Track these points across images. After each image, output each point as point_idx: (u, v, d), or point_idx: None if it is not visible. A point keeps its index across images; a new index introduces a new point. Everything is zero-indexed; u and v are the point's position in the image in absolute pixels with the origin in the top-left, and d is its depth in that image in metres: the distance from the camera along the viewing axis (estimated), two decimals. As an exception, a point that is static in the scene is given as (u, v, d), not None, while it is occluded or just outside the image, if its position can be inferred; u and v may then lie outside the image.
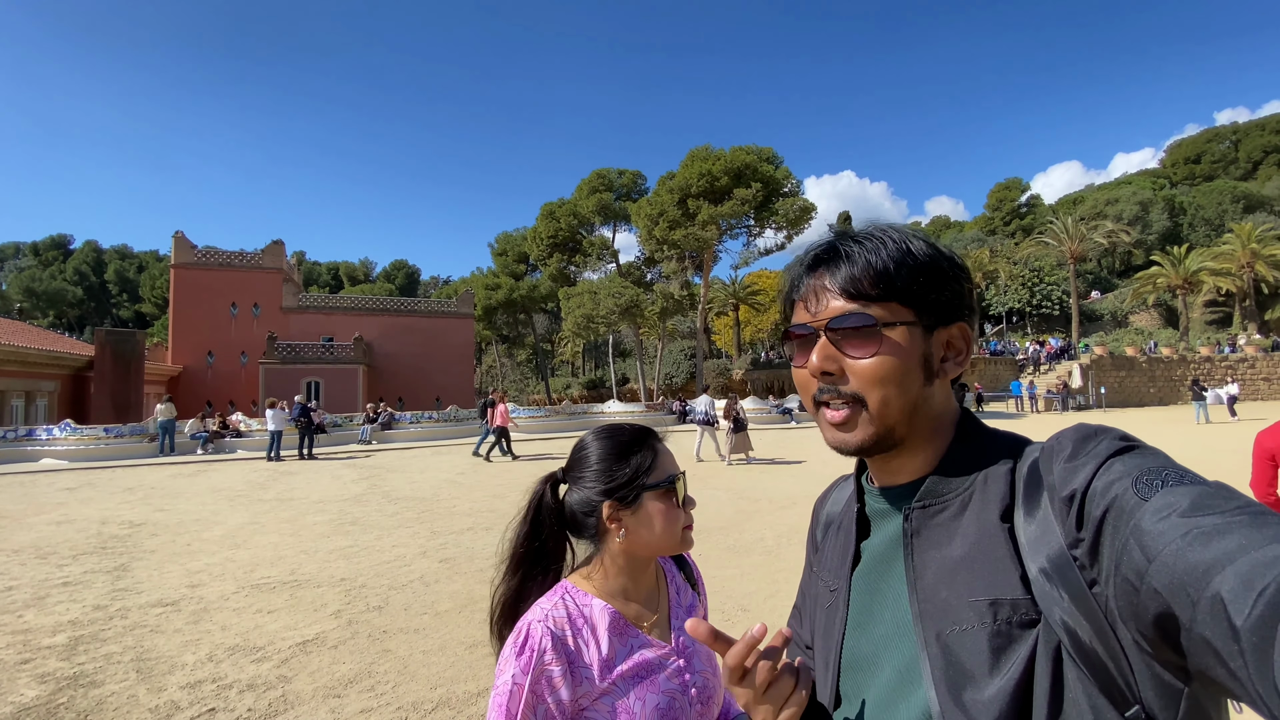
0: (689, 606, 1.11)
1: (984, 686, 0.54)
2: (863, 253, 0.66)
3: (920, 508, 0.65)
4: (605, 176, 38.23)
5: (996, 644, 0.55)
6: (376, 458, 15.60)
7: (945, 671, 0.57)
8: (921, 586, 0.62)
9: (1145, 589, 0.45)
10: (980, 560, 0.59)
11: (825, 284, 0.68)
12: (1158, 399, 29.79)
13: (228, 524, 7.89)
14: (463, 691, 3.31)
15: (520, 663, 0.89)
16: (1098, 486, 0.52)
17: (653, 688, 0.95)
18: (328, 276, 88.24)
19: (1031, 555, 0.56)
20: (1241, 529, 0.42)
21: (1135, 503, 0.49)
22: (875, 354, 0.64)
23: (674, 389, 40.26)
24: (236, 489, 10.91)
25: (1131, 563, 0.47)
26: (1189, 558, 0.43)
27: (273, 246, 38.55)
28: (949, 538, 0.62)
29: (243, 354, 36.40)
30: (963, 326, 0.68)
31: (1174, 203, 54.54)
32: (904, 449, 0.67)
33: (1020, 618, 0.55)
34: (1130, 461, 0.53)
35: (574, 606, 0.98)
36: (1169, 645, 0.45)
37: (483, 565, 5.71)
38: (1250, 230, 38.02)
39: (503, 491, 9.92)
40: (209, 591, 5.14)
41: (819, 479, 10.46)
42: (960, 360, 0.68)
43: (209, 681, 3.48)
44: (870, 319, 0.64)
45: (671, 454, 1.06)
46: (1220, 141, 66.92)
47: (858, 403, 0.65)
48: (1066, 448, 0.58)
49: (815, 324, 0.67)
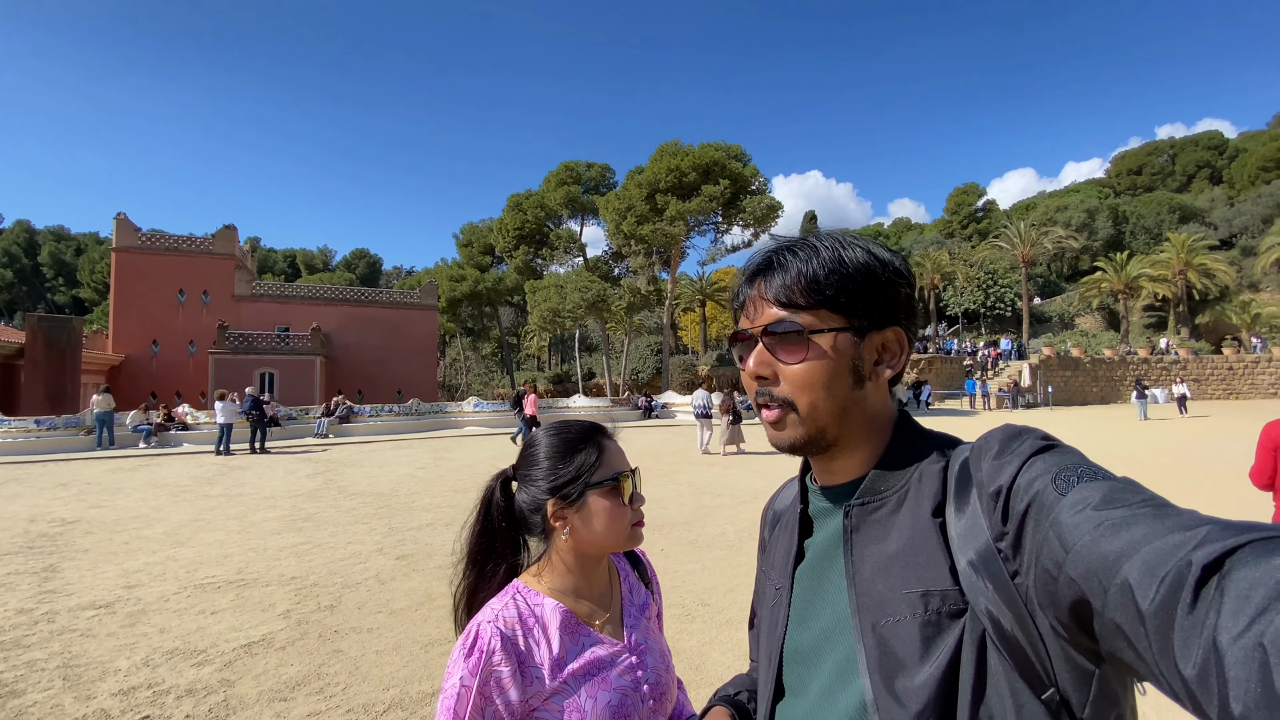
0: (642, 605, 1.11)
1: (915, 674, 0.57)
2: (795, 262, 0.69)
3: (859, 505, 0.68)
4: (573, 169, 37.88)
5: (927, 633, 0.57)
6: (333, 452, 15.16)
7: (880, 661, 0.59)
8: (859, 580, 0.64)
9: (1063, 578, 0.48)
10: (914, 554, 0.62)
11: (761, 293, 0.71)
12: (1100, 398, 31.20)
13: (170, 521, 7.55)
14: (417, 692, 3.22)
15: (469, 664, 0.88)
16: (1021, 483, 0.55)
17: (604, 685, 0.94)
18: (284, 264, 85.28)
19: (960, 548, 0.59)
20: (1146, 520, 0.45)
21: (1054, 498, 0.52)
22: (803, 360, 0.67)
23: (640, 384, 40.30)
24: (181, 484, 10.45)
25: (1051, 553, 0.49)
26: (1100, 548, 0.45)
27: (224, 231, 37.03)
28: (885, 533, 0.65)
29: (191, 343, 34.94)
30: (897, 330, 0.70)
31: (1118, 211, 57.03)
32: (840, 449, 0.71)
33: (949, 608, 0.58)
34: (1050, 459, 0.56)
35: (525, 606, 0.97)
36: (1083, 631, 0.49)
37: (442, 562, 5.59)
38: (1185, 240, 40.11)
39: (465, 486, 9.75)
40: (147, 592, 4.90)
41: (784, 476, 10.59)
42: (894, 363, 0.71)
43: (144, 688, 3.30)
44: (798, 326, 0.67)
45: (621, 451, 1.05)
46: (1159, 155, 70.25)
47: (789, 405, 0.69)
48: (994, 447, 0.61)
49: (753, 330, 0.71)
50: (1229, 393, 31.91)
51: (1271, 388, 31.52)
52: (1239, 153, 61.98)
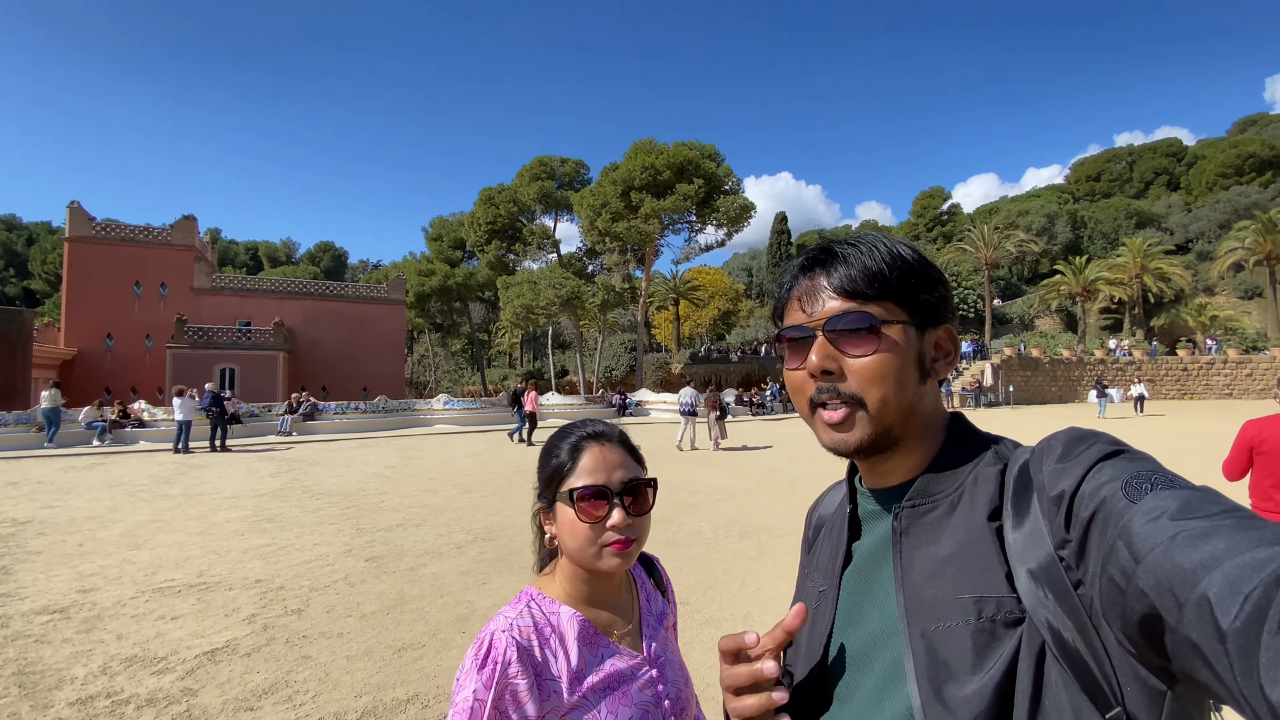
0: (660, 614, 1.06)
1: (965, 683, 0.54)
2: (857, 255, 0.68)
3: (910, 507, 0.66)
4: (547, 164, 37.54)
5: (980, 641, 0.55)
6: (297, 450, 14.79)
7: (928, 668, 0.56)
8: (908, 584, 0.62)
9: (1132, 590, 0.45)
10: (967, 559, 0.59)
11: (821, 285, 0.69)
12: (1058, 397, 32.28)
13: (127, 522, 7.26)
14: (390, 699, 3.15)
15: (482, 676, 0.83)
16: (1087, 489, 0.53)
17: (625, 700, 0.90)
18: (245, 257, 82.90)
19: (1018, 555, 0.56)
20: (1228, 532, 0.42)
21: (1124, 505, 0.49)
22: (874, 352, 0.65)
23: (614, 382, 40.23)
24: (138, 483, 10.07)
25: (1118, 563, 0.47)
26: (1176, 559, 0.43)
27: (183, 222, 35.69)
28: (937, 536, 0.63)
29: (148, 337, 33.62)
30: (949, 329, 0.70)
31: (1076, 216, 59.06)
32: (897, 450, 0.68)
33: (1005, 616, 0.55)
34: (1120, 465, 0.53)
35: (540, 614, 0.92)
36: (1153, 647, 0.45)
37: (413, 564, 5.49)
38: (1141, 245, 41.75)
39: (435, 486, 9.60)
40: (104, 597, 4.70)
41: (759, 474, 10.70)
42: (949, 361, 0.70)
43: (102, 696, 3.17)
44: (870, 317, 0.65)
45: (612, 460, 0.94)
46: (1118, 162, 72.87)
47: (856, 402, 0.65)
48: (1057, 450, 0.58)
49: (812, 324, 0.68)
50: (1183, 393, 33.29)
51: (1226, 388, 32.95)
52: (1197, 160, 64.58)
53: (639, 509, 0.93)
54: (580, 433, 0.98)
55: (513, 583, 4.95)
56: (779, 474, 10.55)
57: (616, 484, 0.92)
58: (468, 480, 10.15)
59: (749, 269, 71.63)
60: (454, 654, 3.67)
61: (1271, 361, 32.11)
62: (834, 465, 0.72)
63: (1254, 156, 57.09)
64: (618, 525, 0.90)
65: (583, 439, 0.96)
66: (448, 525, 6.98)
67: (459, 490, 9.24)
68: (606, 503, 0.91)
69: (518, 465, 11.84)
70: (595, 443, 0.96)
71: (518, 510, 7.72)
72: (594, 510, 0.90)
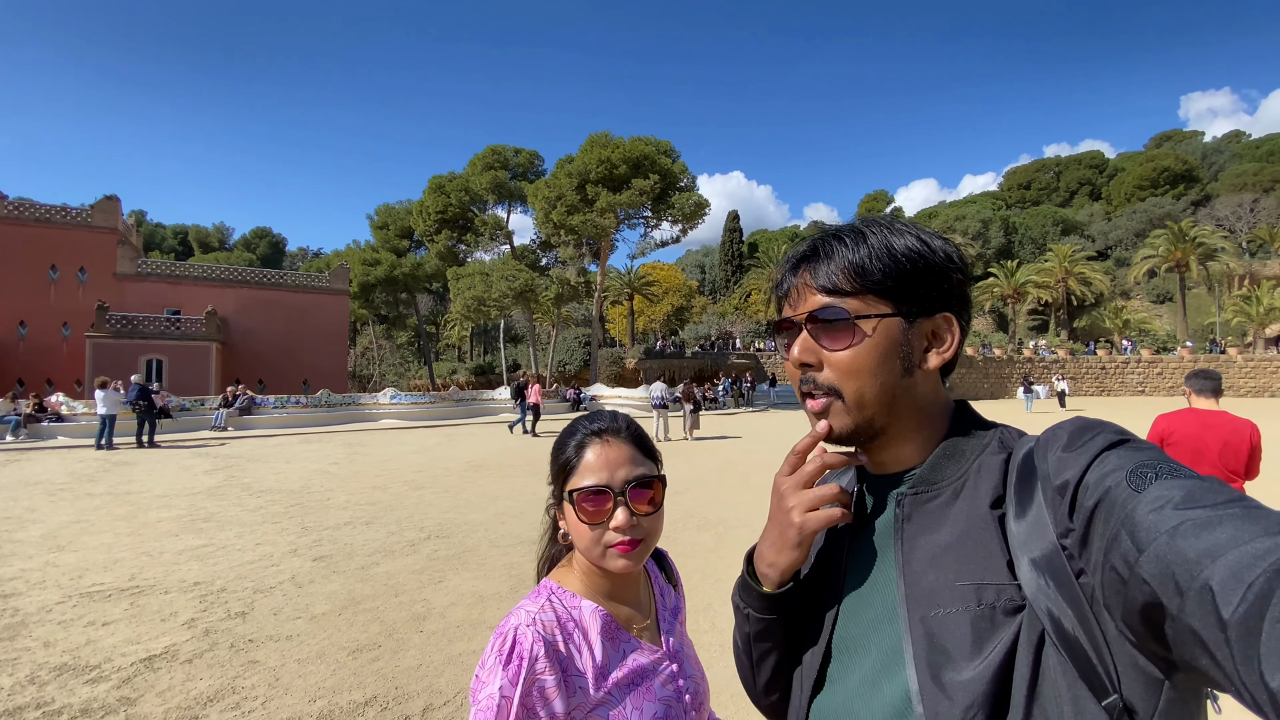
0: (674, 608, 1.06)
1: (964, 669, 0.55)
2: (841, 249, 0.69)
3: (913, 494, 0.66)
4: (501, 154, 36.77)
5: (979, 628, 0.56)
6: (233, 446, 14.10)
7: (926, 653, 0.58)
8: (909, 570, 0.63)
9: (1134, 579, 0.46)
10: (969, 546, 0.60)
11: (806, 280, 0.70)
12: (990, 393, 34.06)
13: (48, 523, 6.78)
14: (347, 702, 3.07)
15: (508, 673, 0.80)
16: (1091, 478, 0.53)
17: (649, 695, 0.89)
18: (174, 241, 78.14)
19: (1021, 543, 0.57)
20: (1233, 521, 0.42)
21: (1128, 494, 0.49)
22: (849, 346, 0.66)
23: (568, 377, 39.97)
24: (58, 482, 9.41)
25: (1121, 552, 0.47)
26: (1180, 548, 0.43)
27: (105, 203, 33.28)
28: (939, 523, 0.63)
29: (65, 325, 31.26)
30: (948, 317, 0.69)
31: (1009, 222, 62.25)
32: (889, 438, 0.69)
33: (1005, 604, 0.56)
34: (1125, 455, 0.54)
35: (562, 609, 0.90)
36: (1153, 635, 0.46)
37: (364, 562, 5.34)
38: (1067, 251, 44.44)
39: (384, 483, 9.34)
40: (26, 602, 4.39)
41: (714, 468, 10.86)
42: (944, 350, 0.69)
43: (31, 708, 2.96)
44: (843, 312, 0.66)
45: (617, 457, 0.91)
46: (1046, 171, 77.30)
47: (834, 393, 0.67)
48: (1062, 439, 0.59)
49: (796, 318, 0.70)
50: (1102, 390, 35.69)
51: (1139, 385, 35.54)
52: (1117, 171, 69.18)
53: (646, 507, 0.90)
54: (586, 429, 0.95)
55: (469, 580, 4.89)
56: (733, 467, 10.75)
57: (619, 483, 0.89)
58: (418, 476, 9.92)
59: (702, 265, 72.44)
60: (411, 654, 3.60)
61: (1179, 361, 34.81)
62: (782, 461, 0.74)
63: (1168, 170, 61.60)
64: (621, 526, 0.87)
65: (588, 435, 0.94)
66: (399, 523, 6.81)
67: (409, 487, 9.02)
68: (610, 502, 0.88)
69: (470, 461, 11.64)
70: (599, 439, 0.93)
71: (471, 507, 7.61)
72: (596, 511, 0.88)
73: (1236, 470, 3.33)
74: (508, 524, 6.70)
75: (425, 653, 3.62)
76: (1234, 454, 3.30)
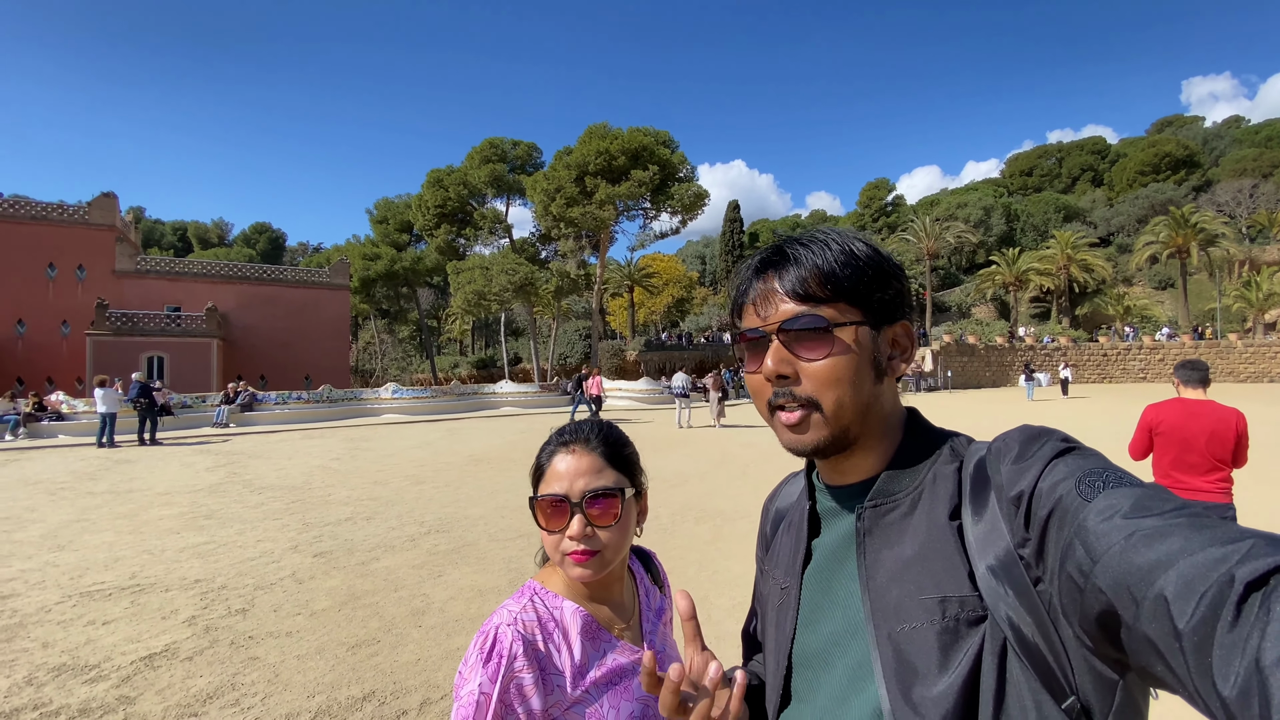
0: (658, 609, 1.07)
1: (933, 683, 0.55)
2: (809, 255, 0.67)
3: (872, 507, 0.66)
4: (499, 146, 36.61)
5: (945, 641, 0.56)
6: (235, 443, 14.13)
7: (895, 669, 0.58)
8: (873, 585, 0.62)
9: (1089, 587, 0.47)
10: (930, 559, 0.60)
11: (774, 287, 0.68)
12: (992, 381, 34.06)
13: (48, 522, 6.80)
14: (346, 697, 3.08)
15: (488, 670, 0.83)
16: (1043, 487, 0.54)
17: (626, 695, 0.90)
18: (173, 238, 78.07)
19: (979, 553, 0.57)
20: (1182, 531, 0.44)
21: (1079, 504, 0.50)
22: (828, 355, 0.65)
23: (569, 370, 39.99)
24: (58, 480, 9.43)
25: (1076, 562, 0.48)
26: (1132, 559, 0.44)
27: (102, 199, 33.24)
28: (900, 537, 0.63)
29: (64, 323, 31.33)
30: (905, 325, 0.70)
31: (1011, 210, 61.93)
32: (856, 449, 0.68)
33: (968, 615, 0.56)
34: (1072, 463, 0.55)
35: (544, 609, 0.92)
36: (1109, 641, 0.47)
37: (364, 558, 5.35)
38: (1068, 238, 44.21)
39: (386, 478, 9.36)
40: (25, 602, 4.40)
41: (712, 459, 10.86)
42: (906, 357, 0.70)
43: (29, 709, 2.97)
44: (822, 320, 0.65)
45: (579, 467, 0.92)
46: (1048, 158, 76.72)
47: (812, 405, 0.65)
48: (1013, 449, 0.59)
49: (766, 327, 0.67)
50: (1103, 377, 35.62)
51: (1141, 372, 35.45)
52: (1119, 157, 68.58)
53: (605, 520, 0.90)
54: (559, 438, 0.97)
55: (469, 575, 4.90)
56: (732, 459, 10.75)
57: (578, 493, 0.90)
58: (419, 471, 9.93)
59: (702, 256, 72.20)
60: (410, 649, 3.61)
61: (1181, 348, 34.69)
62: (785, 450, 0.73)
63: (1169, 156, 61.10)
64: (575, 535, 0.89)
65: (558, 445, 0.96)
66: (399, 518, 6.82)
67: (410, 481, 9.04)
68: (567, 512, 0.90)
69: (471, 455, 11.66)
70: (566, 449, 0.94)
71: (471, 501, 7.62)
72: (554, 519, 0.90)
73: (1224, 459, 3.33)
74: (507, 518, 6.70)
75: (424, 647, 3.63)
76: (1220, 443, 3.32)
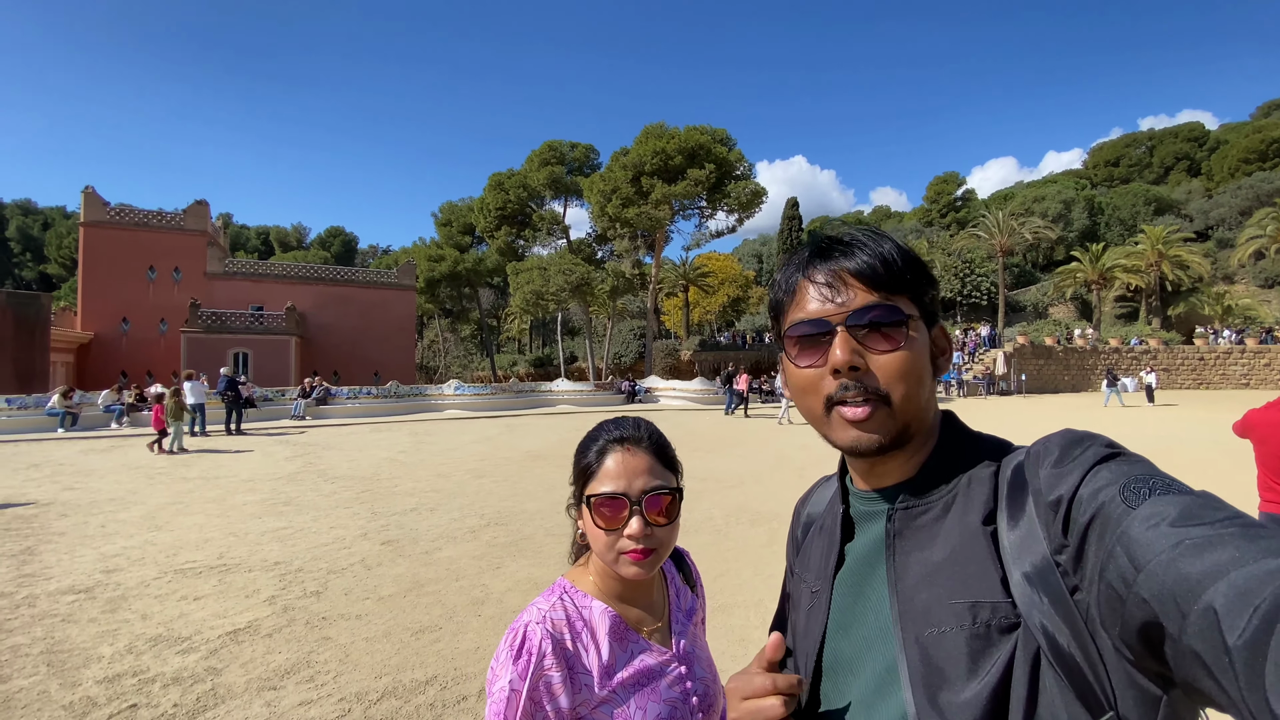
0: (689, 610, 1.06)
1: (960, 689, 0.54)
2: (875, 245, 0.66)
3: (904, 509, 0.65)
4: (557, 149, 37.28)
5: (975, 647, 0.54)
6: (311, 434, 14.96)
7: (922, 674, 0.56)
8: (902, 588, 0.61)
9: (1132, 597, 0.45)
10: (962, 563, 0.59)
11: (841, 276, 0.66)
12: (1071, 386, 31.94)
13: (147, 504, 7.40)
14: (410, 680, 3.22)
15: (518, 667, 0.84)
16: (1084, 493, 0.52)
17: (654, 696, 0.91)
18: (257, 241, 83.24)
19: (1014, 559, 0.56)
20: (1234, 541, 0.41)
21: (1123, 510, 0.48)
22: (898, 348, 0.63)
23: (623, 369, 40.27)
24: (156, 466, 10.25)
25: (1118, 570, 0.46)
26: (1180, 569, 0.42)
27: (195, 207, 35.93)
28: (931, 540, 0.62)
29: (162, 321, 34.02)
30: (942, 327, 0.70)
31: (1094, 202, 57.98)
32: (905, 448, 0.66)
33: (1000, 621, 0.54)
34: (1117, 469, 0.52)
35: (573, 608, 0.93)
36: (1152, 654, 0.45)
37: (428, 547, 5.56)
38: (1160, 232, 40.93)
39: (447, 471, 9.70)
40: (127, 577, 4.81)
41: (768, 461, 10.71)
42: (948, 359, 0.70)
43: (129, 675, 3.25)
44: (899, 310, 0.64)
45: (636, 466, 0.92)
46: (1137, 146, 71.32)
47: (881, 399, 0.63)
48: (1053, 453, 0.57)
49: (834, 318, 0.65)
50: (1199, 383, 32.79)
51: (1243, 378, 32.36)
52: (1219, 144, 62.98)
53: (660, 518, 0.91)
54: (609, 435, 0.96)
55: (526, 567, 5.01)
56: (788, 461, 10.56)
57: (636, 492, 0.90)
58: (480, 465, 10.24)
59: (759, 255, 71.08)
60: (470, 637, 3.73)
61: (1291, 351, 31.57)
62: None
63: (1278, 142, 55.69)
64: (635, 534, 0.89)
65: (610, 442, 0.95)
66: (461, 510, 7.05)
67: (471, 475, 9.33)
68: (626, 510, 0.89)
69: (529, 451, 11.92)
70: (620, 447, 0.94)
71: (529, 495, 7.78)
72: (612, 518, 0.90)
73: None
74: (563, 513, 6.74)
75: (483, 636, 3.74)
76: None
